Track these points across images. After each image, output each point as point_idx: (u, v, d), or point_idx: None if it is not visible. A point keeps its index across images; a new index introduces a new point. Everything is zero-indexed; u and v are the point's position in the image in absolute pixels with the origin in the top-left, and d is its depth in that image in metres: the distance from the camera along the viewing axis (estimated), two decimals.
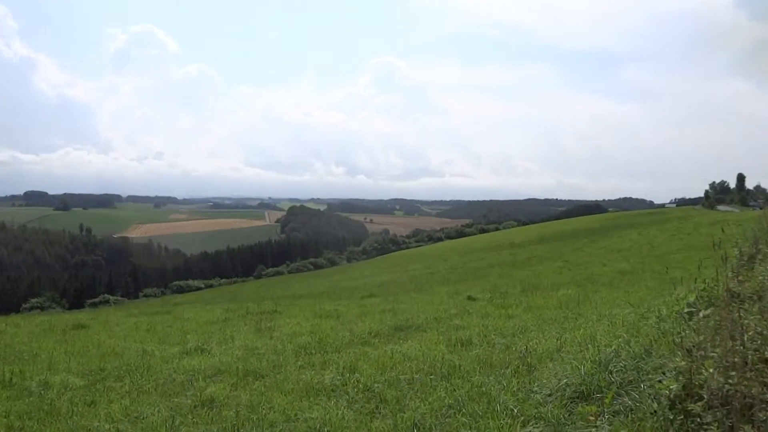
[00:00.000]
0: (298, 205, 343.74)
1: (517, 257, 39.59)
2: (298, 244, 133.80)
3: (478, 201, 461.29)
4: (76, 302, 70.35)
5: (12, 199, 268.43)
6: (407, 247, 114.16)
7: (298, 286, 47.84)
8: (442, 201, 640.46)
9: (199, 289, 79.21)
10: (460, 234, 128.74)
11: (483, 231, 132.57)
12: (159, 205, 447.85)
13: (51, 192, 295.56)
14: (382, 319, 10.85)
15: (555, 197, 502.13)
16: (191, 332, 11.28)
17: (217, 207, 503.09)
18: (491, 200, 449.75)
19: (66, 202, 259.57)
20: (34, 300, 69.91)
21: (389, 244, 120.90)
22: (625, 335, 5.39)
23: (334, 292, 27.89)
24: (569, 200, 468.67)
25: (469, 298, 14.26)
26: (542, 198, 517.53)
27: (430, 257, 60.48)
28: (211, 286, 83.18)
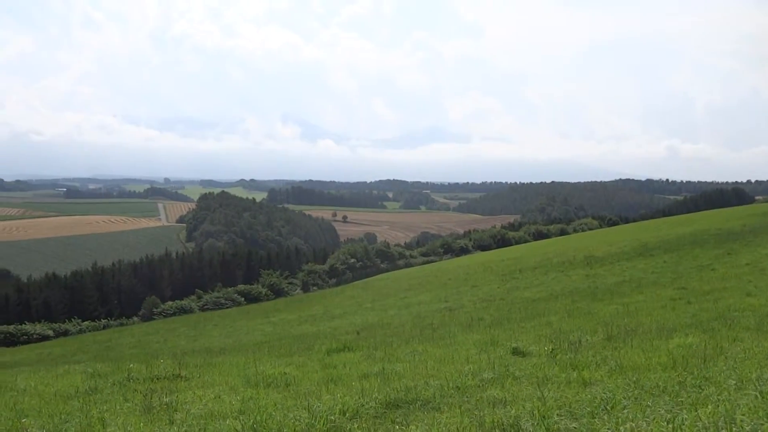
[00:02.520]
0: (216, 191, 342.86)
1: (598, 281, 39.64)
2: (216, 260, 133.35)
3: (531, 184, 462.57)
4: None
5: None
6: (408, 265, 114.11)
7: (218, 332, 47.62)
8: (467, 185, 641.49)
9: (44, 338, 78.58)
10: (499, 241, 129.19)
11: (539, 236, 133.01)
12: None
13: None
14: (363, 389, 10.84)
15: (666, 177, 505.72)
16: (30, 413, 11.14)
17: (75, 195, 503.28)
18: (554, 183, 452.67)
19: None
20: None
21: (376, 260, 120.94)
22: None
23: (281, 344, 27.82)
24: (690, 182, 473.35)
25: (516, 351, 14.28)
26: (643, 179, 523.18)
27: (446, 282, 60.46)
28: (65, 333, 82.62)
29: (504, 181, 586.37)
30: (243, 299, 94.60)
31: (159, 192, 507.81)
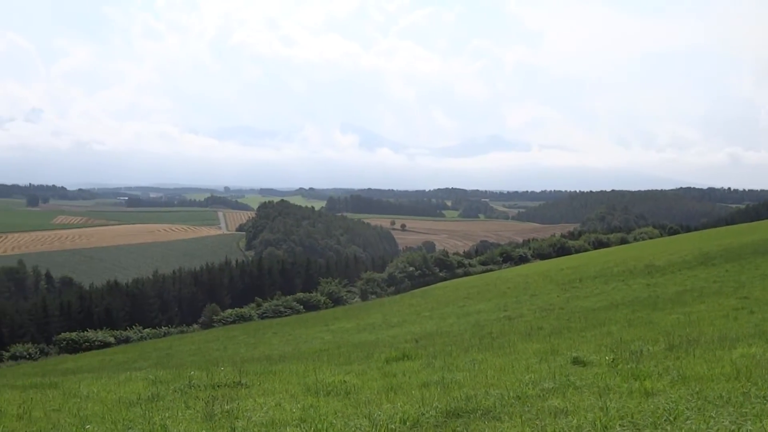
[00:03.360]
0: (275, 200, 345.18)
1: (659, 290, 39.25)
2: (276, 268, 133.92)
3: (591, 193, 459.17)
4: None
5: None
6: (467, 274, 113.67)
7: (278, 340, 47.89)
8: (526, 193, 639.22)
9: (105, 345, 79.47)
10: (558, 250, 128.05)
11: (599, 245, 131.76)
12: (35, 201, 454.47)
13: None
14: (423, 398, 10.85)
15: (727, 186, 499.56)
16: (93, 420, 11.22)
17: (136, 204, 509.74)
18: (614, 191, 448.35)
19: None
20: None
21: (435, 268, 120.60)
22: None
23: (340, 352, 27.90)
24: (753, 190, 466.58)
25: (576, 361, 14.18)
26: (704, 187, 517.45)
27: (506, 291, 60.27)
28: (126, 340, 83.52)
29: (563, 190, 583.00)
30: (302, 307, 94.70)
31: (219, 201, 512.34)
